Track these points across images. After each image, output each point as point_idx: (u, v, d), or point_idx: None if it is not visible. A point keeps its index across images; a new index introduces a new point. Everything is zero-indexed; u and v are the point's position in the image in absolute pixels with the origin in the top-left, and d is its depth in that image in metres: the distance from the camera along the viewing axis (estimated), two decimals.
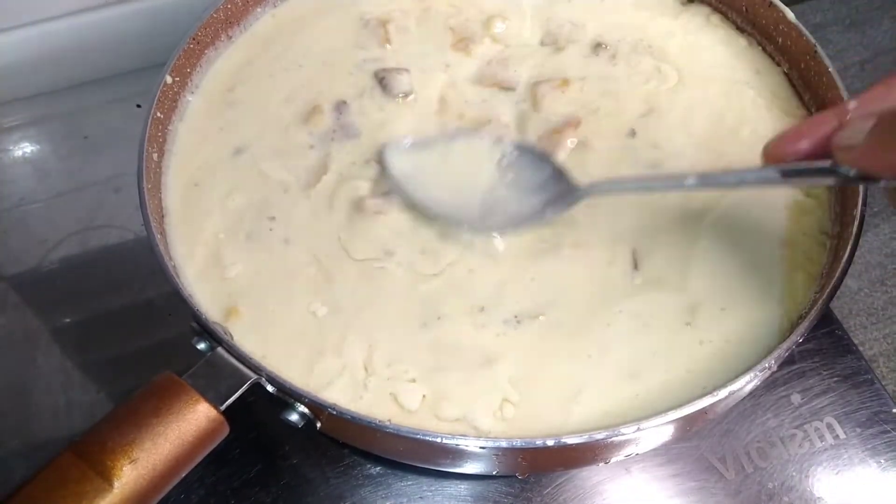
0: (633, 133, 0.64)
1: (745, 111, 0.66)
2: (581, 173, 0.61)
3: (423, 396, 0.54)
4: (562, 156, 0.63)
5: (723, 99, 0.67)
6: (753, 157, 0.63)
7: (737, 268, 0.58)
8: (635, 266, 0.59)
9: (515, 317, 0.57)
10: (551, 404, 0.54)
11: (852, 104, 0.46)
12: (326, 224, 0.61)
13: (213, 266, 0.59)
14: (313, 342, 0.56)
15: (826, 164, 0.45)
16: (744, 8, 0.70)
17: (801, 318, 0.54)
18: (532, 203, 0.60)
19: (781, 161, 0.48)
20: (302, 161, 0.64)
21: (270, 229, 0.60)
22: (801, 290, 0.57)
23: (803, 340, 0.52)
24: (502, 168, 0.61)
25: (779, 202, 0.61)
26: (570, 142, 0.64)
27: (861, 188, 0.56)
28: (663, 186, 0.58)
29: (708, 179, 0.53)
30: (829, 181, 0.46)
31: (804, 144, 0.47)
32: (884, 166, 0.41)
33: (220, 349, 0.52)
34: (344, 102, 0.67)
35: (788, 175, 0.48)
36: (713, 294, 0.57)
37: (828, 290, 0.53)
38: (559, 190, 0.59)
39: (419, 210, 0.60)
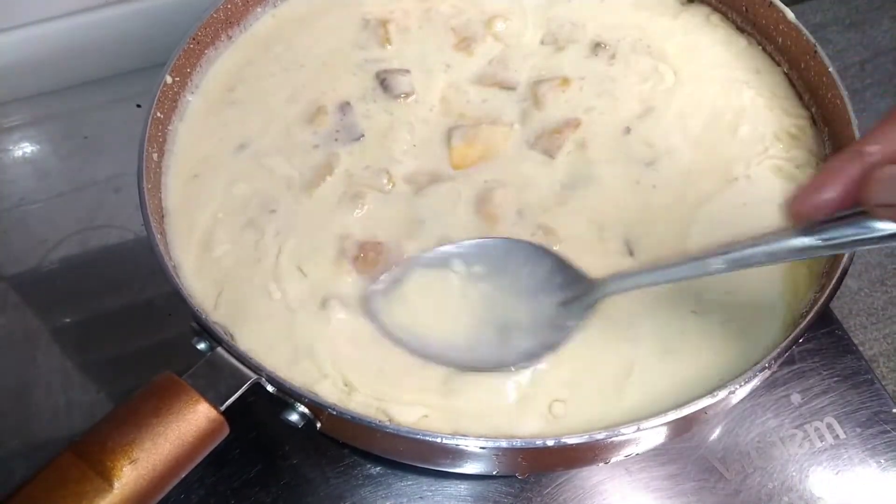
0: (627, 131, 0.65)
1: (744, 110, 0.66)
2: (579, 170, 0.62)
3: (425, 416, 0.53)
4: (561, 157, 0.63)
5: (721, 98, 0.67)
6: (752, 154, 0.63)
7: (726, 282, 0.58)
8: (630, 253, 0.59)
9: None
10: (603, 391, 0.54)
11: (871, 147, 0.40)
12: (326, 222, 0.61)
13: (204, 250, 0.59)
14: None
15: (868, 223, 0.40)
16: (744, 8, 0.70)
17: (802, 317, 0.54)
18: (543, 308, 0.54)
19: (810, 217, 0.43)
20: (306, 160, 0.64)
21: (269, 222, 0.61)
22: (803, 287, 0.57)
23: (803, 340, 0.52)
24: (495, 277, 0.56)
25: (776, 197, 0.61)
26: (568, 143, 0.64)
27: None
28: (688, 274, 0.51)
29: (737, 260, 0.47)
30: (873, 244, 0.41)
31: (830, 194, 0.41)
32: None
33: (220, 349, 0.52)
34: (347, 103, 0.67)
35: (828, 240, 0.43)
36: (714, 283, 0.57)
37: (828, 290, 0.53)
38: (571, 286, 0.54)
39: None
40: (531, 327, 0.55)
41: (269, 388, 0.51)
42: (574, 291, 0.54)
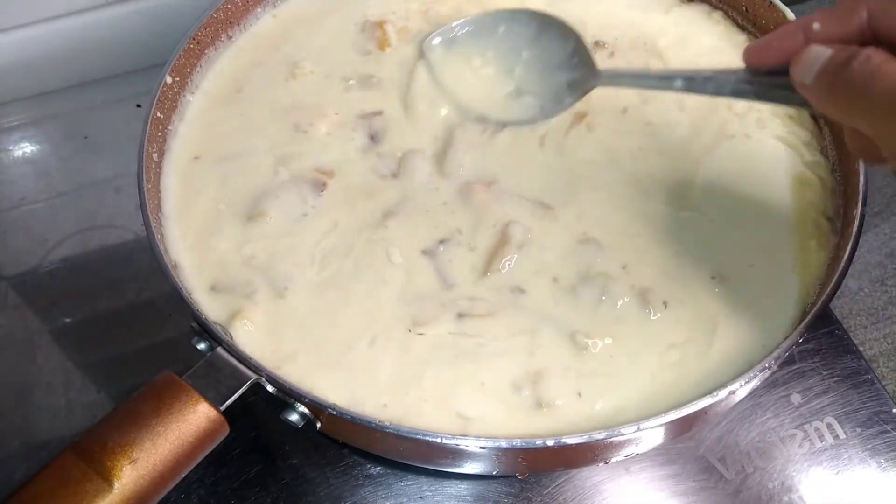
0: (625, 110, 0.66)
1: None
2: (580, 156, 0.64)
3: None
4: (559, 144, 0.64)
5: None
6: (750, 120, 0.65)
7: (739, 238, 0.59)
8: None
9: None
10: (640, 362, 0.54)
11: (816, 25, 0.44)
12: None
13: (206, 249, 0.60)
14: None
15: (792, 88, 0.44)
16: (744, 7, 0.71)
17: (805, 313, 0.54)
18: (554, 83, 0.63)
19: (755, 66, 0.48)
20: (306, 161, 0.64)
21: (276, 223, 0.61)
22: (815, 259, 0.58)
23: (803, 340, 0.52)
24: (526, 45, 0.65)
25: (782, 158, 0.63)
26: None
27: (861, 188, 0.56)
28: (657, 86, 0.58)
29: (693, 85, 0.53)
30: (799, 104, 0.46)
31: (772, 55, 0.46)
32: (830, 111, 0.42)
33: (220, 349, 0.52)
34: (346, 105, 0.67)
35: (760, 95, 0.49)
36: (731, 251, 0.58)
37: (828, 290, 0.53)
38: (580, 68, 0.62)
39: (458, 109, 0.65)
40: (540, 94, 0.63)
41: (269, 388, 0.51)
42: (581, 75, 0.61)
